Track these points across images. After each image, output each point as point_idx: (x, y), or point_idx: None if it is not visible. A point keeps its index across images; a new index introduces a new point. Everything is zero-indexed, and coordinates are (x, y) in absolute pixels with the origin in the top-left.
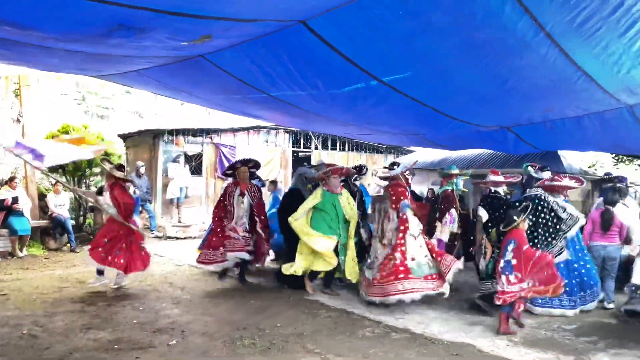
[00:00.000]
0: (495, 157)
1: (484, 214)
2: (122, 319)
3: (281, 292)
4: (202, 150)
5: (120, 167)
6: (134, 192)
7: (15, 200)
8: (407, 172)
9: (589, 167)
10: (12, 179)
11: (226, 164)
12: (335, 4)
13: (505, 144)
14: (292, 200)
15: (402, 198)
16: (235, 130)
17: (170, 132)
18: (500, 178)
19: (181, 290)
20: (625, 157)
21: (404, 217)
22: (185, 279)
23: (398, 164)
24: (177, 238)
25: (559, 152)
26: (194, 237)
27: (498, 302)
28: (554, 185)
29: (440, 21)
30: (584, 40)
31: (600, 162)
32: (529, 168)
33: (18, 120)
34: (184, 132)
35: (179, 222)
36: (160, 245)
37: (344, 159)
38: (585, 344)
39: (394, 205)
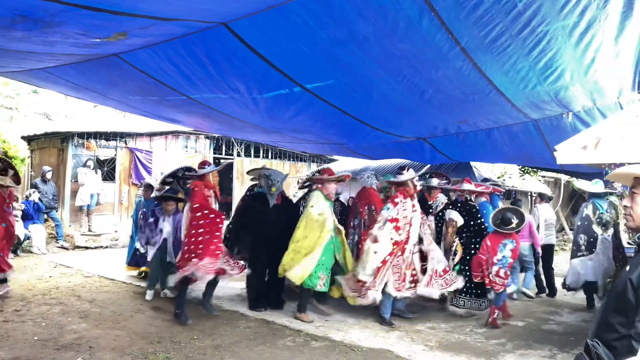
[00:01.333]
0: (413, 167)
1: (459, 219)
2: (21, 336)
3: (197, 304)
4: (115, 155)
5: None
6: (33, 199)
7: None
8: (416, 178)
9: (498, 178)
10: None
11: (142, 170)
12: (258, 8)
13: (422, 154)
14: (260, 206)
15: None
16: (152, 135)
17: (81, 135)
18: (472, 186)
19: (90, 303)
20: (530, 169)
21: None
22: (95, 291)
23: (408, 168)
24: (87, 247)
25: (472, 163)
26: (105, 247)
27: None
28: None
29: (364, 31)
30: (495, 56)
31: (509, 173)
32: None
33: None
34: (96, 135)
35: (89, 230)
36: (68, 256)
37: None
38: (495, 346)
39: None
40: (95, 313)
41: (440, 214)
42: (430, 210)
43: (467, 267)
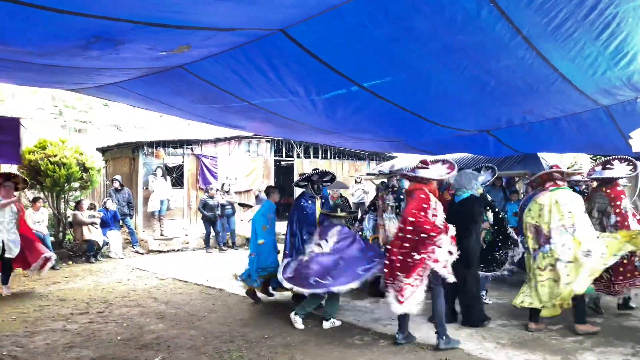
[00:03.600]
0: (476, 160)
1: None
2: (105, 336)
3: (266, 304)
4: (182, 162)
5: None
6: (110, 207)
7: None
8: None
9: (568, 168)
10: None
11: (208, 175)
12: (314, 12)
13: (486, 147)
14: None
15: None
16: (216, 141)
17: (150, 144)
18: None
19: (165, 304)
20: (602, 157)
21: None
22: (170, 293)
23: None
24: (160, 251)
25: (539, 154)
26: (177, 250)
27: None
28: None
29: (420, 27)
30: (560, 43)
31: (580, 163)
32: None
33: None
34: (164, 143)
35: (161, 235)
36: (142, 260)
37: (327, 166)
38: (572, 344)
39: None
40: (171, 314)
41: None
42: None
43: None
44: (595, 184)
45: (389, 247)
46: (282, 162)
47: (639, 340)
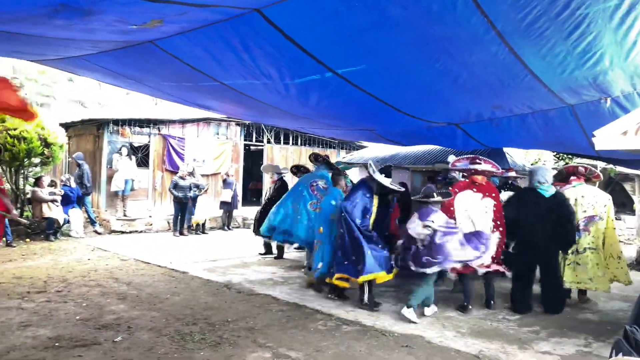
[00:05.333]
0: (444, 153)
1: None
2: (63, 316)
3: (231, 287)
4: (149, 142)
5: None
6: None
7: None
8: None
9: (532, 164)
10: None
11: (174, 157)
12: None
13: (454, 140)
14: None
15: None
16: (184, 122)
17: (116, 122)
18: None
19: (127, 285)
20: (565, 155)
21: None
22: (132, 274)
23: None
24: (122, 232)
25: (505, 149)
26: (140, 231)
27: None
28: None
29: (397, 15)
30: (532, 40)
31: (543, 160)
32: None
33: None
34: (130, 122)
35: (125, 215)
36: (104, 240)
37: (297, 153)
38: (528, 334)
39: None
40: (132, 295)
41: None
42: None
43: None
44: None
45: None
46: (252, 147)
47: (592, 332)
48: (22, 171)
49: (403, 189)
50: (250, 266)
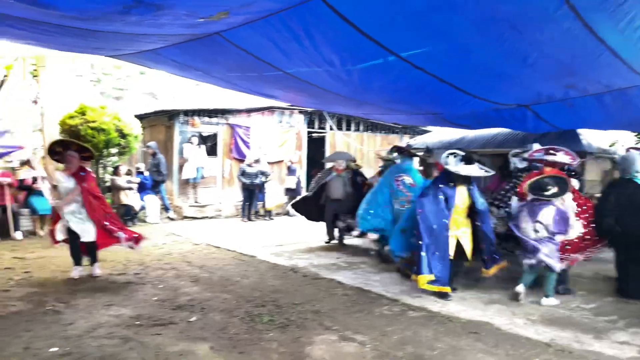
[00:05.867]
0: (513, 136)
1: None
2: (142, 297)
3: (297, 271)
4: (217, 131)
5: None
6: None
7: (34, 180)
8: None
9: (610, 146)
10: (29, 159)
11: (241, 145)
12: None
13: (524, 122)
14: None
15: None
16: (249, 111)
17: (186, 113)
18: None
19: (200, 268)
20: None
21: None
22: (204, 258)
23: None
24: (194, 218)
25: (578, 130)
26: (210, 217)
27: None
28: None
29: None
30: (609, 14)
31: (622, 142)
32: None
33: (36, 102)
34: (199, 112)
35: (196, 202)
36: (177, 225)
37: (359, 139)
38: (605, 323)
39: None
40: (205, 278)
41: None
42: None
43: None
44: None
45: None
46: (315, 134)
47: None
48: (101, 161)
49: (492, 172)
50: (314, 251)
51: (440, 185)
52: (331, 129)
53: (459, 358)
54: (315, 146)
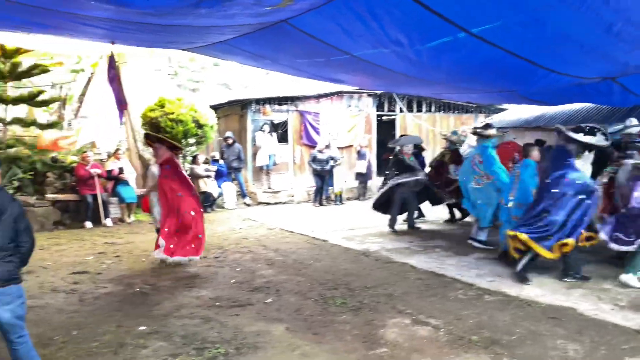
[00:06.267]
0: (598, 111)
1: None
2: (221, 279)
3: (369, 255)
4: (287, 118)
5: None
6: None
7: (121, 170)
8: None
9: None
10: (116, 150)
11: (311, 131)
12: None
13: (609, 96)
14: None
15: None
16: (318, 97)
17: (257, 102)
18: None
19: (274, 252)
20: None
21: None
22: (278, 242)
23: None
24: (268, 203)
25: None
26: (283, 202)
27: None
28: None
29: None
30: None
31: None
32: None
33: None
34: (270, 100)
35: (269, 188)
36: (253, 211)
37: (431, 120)
38: None
39: None
40: (279, 261)
41: None
42: None
43: None
44: None
45: None
46: (384, 117)
47: None
48: (180, 151)
49: (608, 142)
50: (386, 235)
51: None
52: (401, 111)
53: (538, 343)
54: (386, 129)
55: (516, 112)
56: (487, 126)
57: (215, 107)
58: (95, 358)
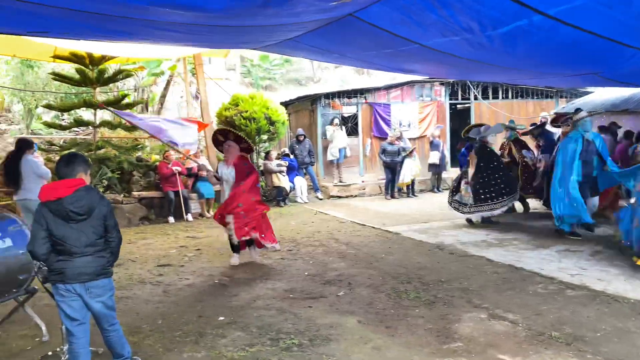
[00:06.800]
0: None
1: None
2: (294, 271)
3: (443, 248)
4: (357, 111)
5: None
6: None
7: (200, 167)
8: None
9: None
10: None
11: (381, 123)
12: None
13: None
14: None
15: None
16: (388, 88)
17: (327, 96)
18: None
19: (346, 245)
20: None
21: None
22: (349, 235)
23: None
24: (339, 197)
25: None
26: (354, 196)
27: None
28: None
29: None
30: None
31: None
32: None
33: (196, 97)
34: (339, 94)
35: (340, 181)
36: (324, 204)
37: (508, 108)
38: None
39: None
40: (351, 254)
41: None
42: None
43: None
44: None
45: None
46: (458, 106)
47: None
48: (254, 147)
49: None
50: (461, 228)
51: None
52: (475, 98)
53: (626, 341)
54: (460, 118)
55: (601, 94)
56: (577, 110)
57: (286, 104)
58: (178, 346)
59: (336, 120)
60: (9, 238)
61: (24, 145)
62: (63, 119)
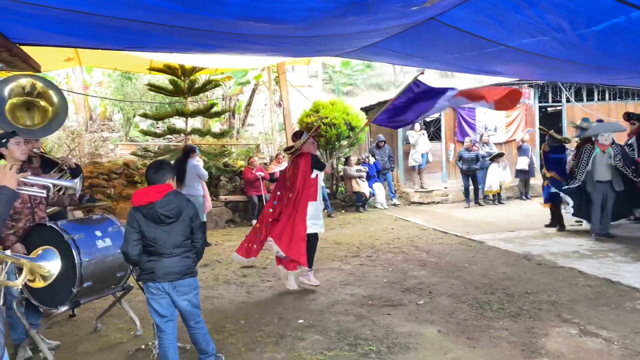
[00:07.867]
0: None
1: None
2: (373, 278)
3: (530, 258)
4: (440, 115)
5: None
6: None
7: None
8: None
9: None
10: (277, 155)
11: (465, 127)
12: None
13: None
14: None
15: None
16: None
17: None
18: None
19: (427, 253)
20: None
21: None
22: (431, 242)
23: None
24: (420, 203)
25: None
26: (437, 202)
27: None
28: None
29: None
30: None
31: None
32: None
33: (279, 104)
34: None
35: (421, 187)
36: (404, 210)
37: (604, 110)
38: None
39: None
40: (432, 262)
41: None
42: None
43: None
44: None
45: None
46: (549, 108)
47: None
48: (334, 153)
49: None
50: (551, 237)
51: None
52: (568, 101)
53: None
54: (551, 122)
55: None
56: None
57: (366, 109)
58: (259, 346)
59: (417, 125)
60: (108, 238)
61: (189, 150)
62: (158, 127)
